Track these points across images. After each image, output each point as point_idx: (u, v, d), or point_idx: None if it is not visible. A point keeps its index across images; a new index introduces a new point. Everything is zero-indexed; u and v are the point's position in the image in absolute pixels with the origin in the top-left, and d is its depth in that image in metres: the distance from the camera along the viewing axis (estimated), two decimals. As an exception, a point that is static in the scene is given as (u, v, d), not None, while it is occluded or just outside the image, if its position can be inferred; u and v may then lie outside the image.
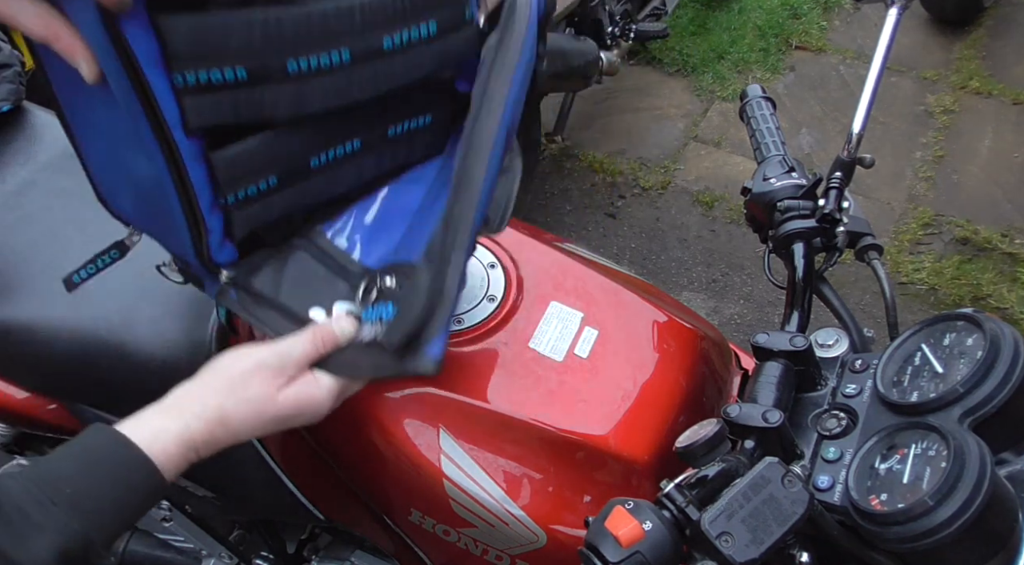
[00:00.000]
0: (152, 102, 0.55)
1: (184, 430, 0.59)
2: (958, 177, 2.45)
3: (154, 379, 0.94)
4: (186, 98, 0.56)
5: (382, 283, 0.68)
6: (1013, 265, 2.17)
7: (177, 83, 0.56)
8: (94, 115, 0.62)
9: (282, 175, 0.65)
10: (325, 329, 0.66)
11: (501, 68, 0.64)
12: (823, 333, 0.76)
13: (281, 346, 0.64)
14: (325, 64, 0.60)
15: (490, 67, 0.65)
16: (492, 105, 0.63)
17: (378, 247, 0.73)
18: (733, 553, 0.53)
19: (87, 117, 0.64)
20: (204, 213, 0.62)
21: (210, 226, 0.64)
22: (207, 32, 0.55)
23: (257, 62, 0.57)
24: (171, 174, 0.59)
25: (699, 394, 0.79)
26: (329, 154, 0.67)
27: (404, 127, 0.72)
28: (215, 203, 0.63)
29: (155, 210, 0.65)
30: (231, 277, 0.68)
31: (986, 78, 2.73)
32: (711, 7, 3.12)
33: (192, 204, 0.62)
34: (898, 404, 0.63)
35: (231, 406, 0.61)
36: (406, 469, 0.76)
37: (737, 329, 2.14)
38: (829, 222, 0.82)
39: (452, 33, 0.67)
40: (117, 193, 0.69)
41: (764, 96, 0.96)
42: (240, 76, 0.57)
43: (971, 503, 0.52)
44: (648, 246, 2.38)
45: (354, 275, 0.71)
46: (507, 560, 0.78)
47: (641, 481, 0.73)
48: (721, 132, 2.68)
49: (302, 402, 0.64)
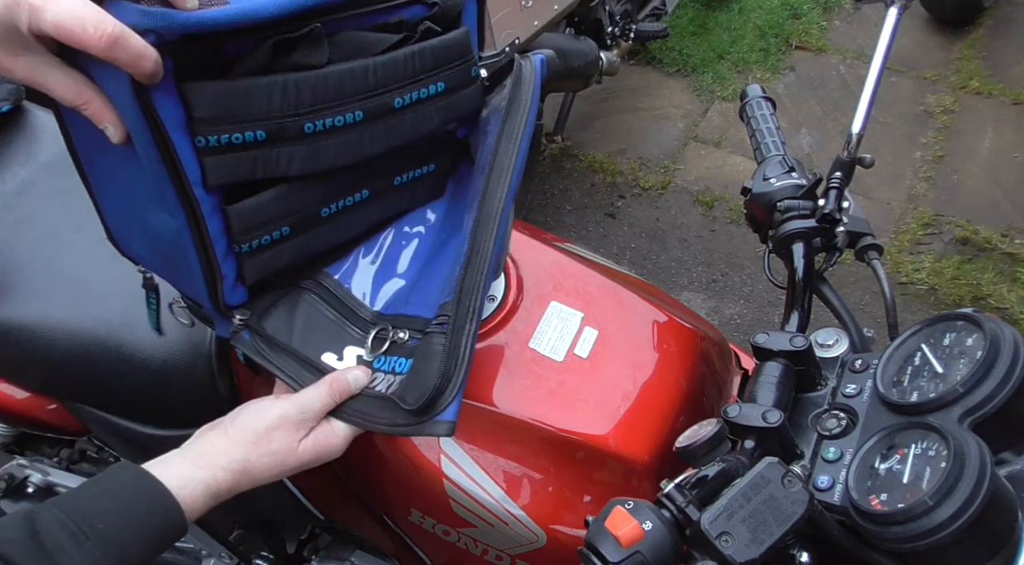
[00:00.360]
0: (176, 163, 0.58)
1: (211, 480, 0.63)
2: (958, 177, 2.45)
3: (154, 379, 0.94)
4: (207, 158, 0.59)
5: (395, 335, 0.71)
6: (1013, 265, 2.17)
7: (199, 144, 0.58)
8: (114, 171, 0.65)
9: (294, 224, 0.68)
10: (340, 380, 0.68)
11: (508, 141, 0.68)
12: (823, 333, 0.76)
13: (301, 399, 0.67)
14: (339, 123, 0.63)
15: (497, 138, 0.68)
16: (501, 175, 0.67)
17: (385, 291, 0.76)
18: (733, 553, 0.53)
19: (106, 172, 0.66)
20: (219, 261, 0.65)
21: (224, 272, 0.66)
22: (229, 98, 0.58)
23: (275, 124, 0.60)
24: (190, 228, 0.62)
25: (699, 394, 0.79)
26: (339, 204, 0.71)
27: (409, 176, 0.76)
28: (229, 251, 0.65)
29: (171, 258, 0.67)
30: (243, 320, 0.70)
31: (986, 78, 2.73)
32: (711, 7, 3.12)
33: (208, 254, 0.64)
34: (898, 404, 0.63)
35: (255, 458, 0.66)
36: (406, 469, 0.76)
37: (737, 329, 2.14)
38: (829, 222, 0.82)
39: (459, 91, 0.71)
40: (132, 240, 0.72)
41: (764, 96, 0.96)
42: (259, 137, 0.60)
43: (971, 503, 0.52)
44: (648, 246, 2.38)
45: (363, 320, 0.74)
46: (507, 560, 0.78)
47: (641, 481, 0.73)
48: (721, 132, 2.68)
49: (320, 451, 0.68)
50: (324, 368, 0.70)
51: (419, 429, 0.64)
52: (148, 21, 0.51)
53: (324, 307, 0.73)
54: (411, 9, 0.66)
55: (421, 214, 0.80)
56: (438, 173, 0.79)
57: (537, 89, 0.71)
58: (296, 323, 0.71)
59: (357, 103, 0.63)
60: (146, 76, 0.52)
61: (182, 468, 0.63)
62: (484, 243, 0.66)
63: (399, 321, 0.72)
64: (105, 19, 0.49)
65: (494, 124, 0.70)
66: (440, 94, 0.69)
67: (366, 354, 0.71)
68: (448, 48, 0.68)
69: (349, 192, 0.71)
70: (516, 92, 0.70)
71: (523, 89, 0.70)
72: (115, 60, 0.50)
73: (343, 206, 0.71)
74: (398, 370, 0.69)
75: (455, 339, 0.64)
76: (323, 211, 0.69)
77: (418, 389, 0.64)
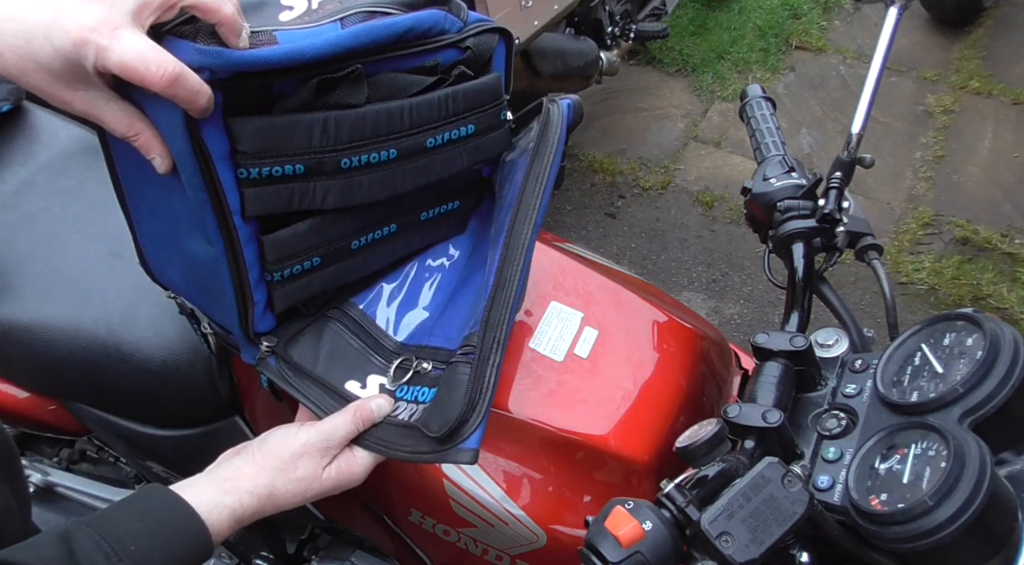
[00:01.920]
0: (219, 192, 0.61)
1: (237, 506, 0.65)
2: (958, 177, 2.45)
3: (154, 379, 0.94)
4: (247, 189, 0.62)
5: (419, 365, 0.73)
6: (1013, 265, 2.17)
7: (241, 176, 0.61)
8: (155, 200, 0.67)
9: (325, 255, 0.70)
10: (364, 408, 0.69)
11: (536, 181, 0.70)
12: (823, 333, 0.76)
13: (326, 427, 0.68)
14: (374, 160, 0.67)
15: (525, 177, 0.70)
16: (528, 213, 0.69)
17: (407, 322, 0.77)
18: (733, 553, 0.53)
19: (147, 200, 0.69)
20: (252, 287, 0.67)
21: (255, 299, 0.68)
22: (273, 133, 0.60)
23: (314, 159, 0.63)
24: (227, 254, 0.64)
25: (699, 394, 0.79)
26: (368, 237, 0.74)
27: (435, 212, 0.79)
28: (261, 279, 0.68)
29: (205, 285, 0.70)
30: (270, 346, 0.72)
31: (986, 78, 2.73)
32: (711, 7, 3.12)
33: (243, 280, 0.66)
34: (898, 404, 0.63)
35: (281, 485, 0.67)
36: (406, 469, 0.77)
37: (737, 329, 2.14)
38: (829, 222, 0.82)
39: (488, 133, 0.74)
40: (166, 266, 0.74)
41: (764, 96, 0.96)
42: (298, 171, 0.63)
43: (971, 503, 0.52)
44: (648, 246, 2.38)
45: (386, 349, 0.75)
46: (507, 560, 0.78)
47: (641, 481, 0.73)
48: (721, 132, 2.68)
49: (342, 479, 0.69)
50: (348, 396, 0.71)
51: (442, 456, 0.65)
52: (204, 59, 0.54)
53: (349, 336, 0.75)
54: (446, 53, 0.69)
55: (444, 249, 0.83)
56: (462, 210, 0.82)
57: (563, 133, 0.73)
58: (321, 351, 0.73)
59: (392, 141, 0.67)
60: (199, 111, 0.55)
61: (210, 493, 0.64)
62: (510, 278, 0.67)
63: (423, 352, 0.74)
64: (166, 59, 0.51)
65: (521, 164, 0.73)
66: (470, 136, 0.73)
67: (388, 383, 0.73)
68: (479, 92, 0.72)
69: (378, 226, 0.74)
70: (544, 134, 0.73)
71: (551, 132, 0.73)
72: (174, 97, 0.53)
73: (372, 239, 0.74)
74: (420, 399, 0.70)
75: (480, 369, 0.66)
76: (353, 243, 0.72)
77: (442, 417, 0.65)
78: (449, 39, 0.68)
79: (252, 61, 0.56)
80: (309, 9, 0.62)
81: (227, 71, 0.55)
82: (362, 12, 0.62)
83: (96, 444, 1.20)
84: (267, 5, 0.62)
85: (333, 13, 0.61)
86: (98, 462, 1.26)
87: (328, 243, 0.70)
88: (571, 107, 0.76)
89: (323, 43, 0.58)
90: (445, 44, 0.68)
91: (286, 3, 0.62)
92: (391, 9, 0.64)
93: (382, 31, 0.62)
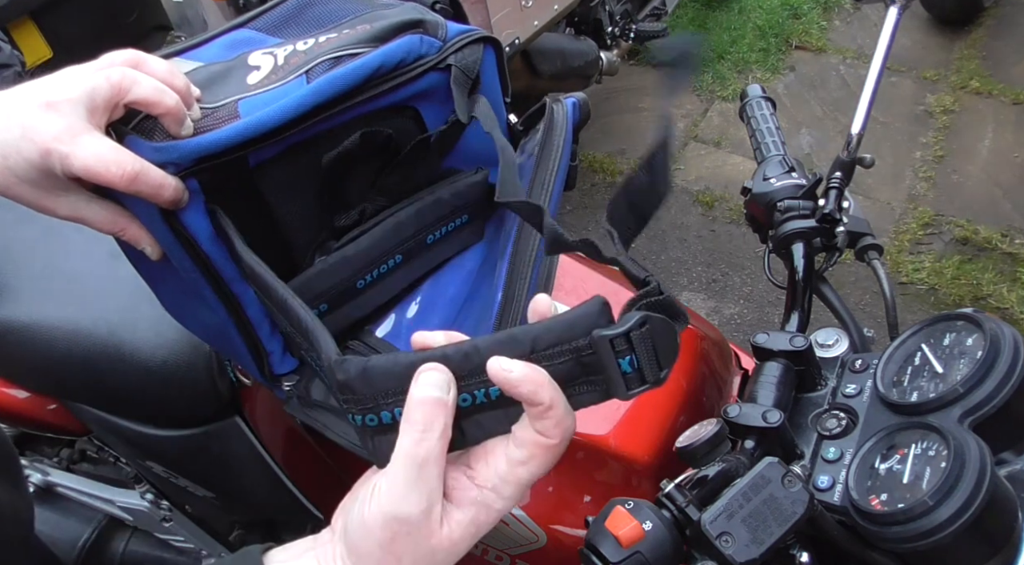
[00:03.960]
0: (211, 269, 0.61)
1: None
2: (958, 177, 2.45)
3: (154, 379, 0.94)
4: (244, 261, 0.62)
5: None
6: (1013, 265, 2.17)
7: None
8: (160, 273, 0.68)
9: (331, 300, 0.69)
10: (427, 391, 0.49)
11: (541, 187, 0.68)
12: (823, 333, 0.76)
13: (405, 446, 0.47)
14: (384, 271, 0.69)
15: (530, 184, 0.68)
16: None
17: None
18: (733, 553, 0.53)
19: (153, 273, 0.70)
20: (263, 341, 0.67)
21: (270, 349, 0.68)
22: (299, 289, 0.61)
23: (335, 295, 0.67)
24: (232, 319, 0.65)
25: (699, 394, 0.79)
26: (374, 273, 0.72)
27: (442, 231, 0.77)
28: (273, 331, 0.68)
29: (221, 340, 0.70)
30: (291, 386, 0.71)
31: (986, 78, 2.73)
32: (711, 7, 3.12)
33: (252, 337, 0.67)
34: (898, 404, 0.63)
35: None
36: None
37: (737, 329, 2.14)
38: (829, 222, 0.82)
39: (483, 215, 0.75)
40: (185, 318, 0.75)
41: (764, 96, 0.96)
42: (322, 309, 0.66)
43: (971, 503, 0.52)
44: (648, 246, 2.38)
45: None
46: (507, 560, 0.78)
47: (641, 481, 0.73)
48: (721, 132, 2.68)
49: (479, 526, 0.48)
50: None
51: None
52: (161, 156, 0.54)
53: None
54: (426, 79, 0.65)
55: (459, 260, 0.81)
56: (473, 221, 0.80)
57: (569, 133, 0.71)
58: None
59: (398, 250, 0.69)
60: (169, 203, 0.56)
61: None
62: (518, 291, 0.66)
63: None
64: (125, 159, 0.53)
65: (527, 169, 0.71)
66: (466, 224, 0.74)
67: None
68: (469, 188, 0.72)
69: (383, 260, 0.73)
70: (548, 137, 0.70)
71: (555, 134, 0.71)
72: (138, 193, 0.54)
73: (377, 274, 0.73)
74: None
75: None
76: (359, 283, 0.71)
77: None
78: (427, 63, 0.64)
79: (210, 145, 0.56)
80: (276, 66, 0.61)
81: (189, 160, 0.55)
82: (328, 60, 0.60)
83: (96, 444, 1.20)
84: (235, 70, 0.62)
85: (299, 66, 0.60)
86: (98, 462, 1.26)
87: (332, 288, 0.69)
88: (576, 106, 0.74)
89: (283, 109, 0.57)
90: (424, 70, 0.64)
91: (254, 63, 0.62)
92: (358, 49, 0.61)
93: (348, 77, 0.60)
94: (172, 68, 0.57)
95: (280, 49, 0.63)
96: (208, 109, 0.58)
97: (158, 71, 0.55)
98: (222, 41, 0.66)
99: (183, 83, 0.56)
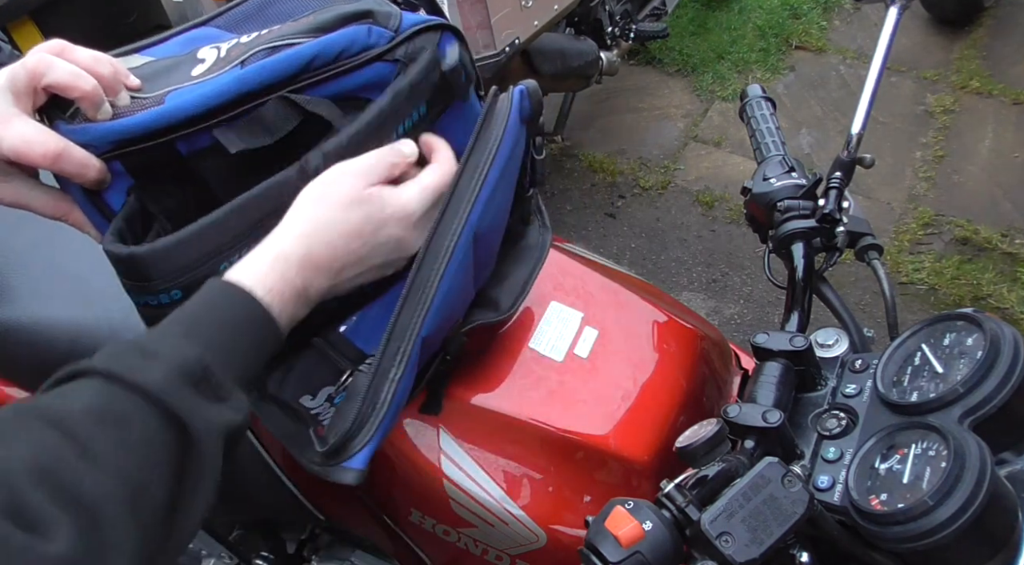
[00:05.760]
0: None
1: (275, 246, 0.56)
2: (958, 177, 2.45)
3: (154, 379, 0.94)
4: None
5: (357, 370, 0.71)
6: (1013, 265, 2.16)
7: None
8: None
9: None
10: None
11: (470, 175, 0.63)
12: (823, 333, 0.76)
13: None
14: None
15: (460, 171, 0.64)
16: (458, 206, 0.62)
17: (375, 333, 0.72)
18: (733, 553, 0.53)
19: None
20: None
21: None
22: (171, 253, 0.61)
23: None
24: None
25: (699, 394, 0.79)
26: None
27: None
28: None
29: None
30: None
31: (986, 78, 2.73)
32: (711, 7, 3.12)
33: None
34: (898, 404, 0.63)
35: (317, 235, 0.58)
36: (406, 469, 0.77)
37: (737, 329, 2.14)
38: (829, 222, 0.82)
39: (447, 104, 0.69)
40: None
41: (764, 96, 0.96)
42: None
43: (971, 503, 0.52)
44: (648, 246, 2.38)
45: (351, 361, 0.73)
46: (507, 560, 0.78)
47: (641, 481, 0.73)
48: (721, 132, 2.68)
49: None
50: (300, 409, 0.69)
51: (324, 472, 0.61)
52: (77, 137, 0.56)
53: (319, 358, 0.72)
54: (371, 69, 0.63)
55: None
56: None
57: (514, 121, 0.66)
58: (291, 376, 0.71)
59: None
60: (93, 183, 0.58)
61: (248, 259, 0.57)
62: (428, 281, 0.61)
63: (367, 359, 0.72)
64: (48, 139, 0.56)
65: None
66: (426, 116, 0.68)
67: (334, 391, 0.70)
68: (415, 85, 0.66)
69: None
70: (487, 124, 0.65)
71: (494, 122, 0.65)
72: (62, 172, 0.57)
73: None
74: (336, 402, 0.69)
75: (376, 383, 0.60)
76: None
77: (335, 429, 0.61)
78: (372, 54, 0.62)
79: (125, 129, 0.57)
80: (218, 58, 0.61)
81: (104, 143, 0.57)
82: (264, 49, 0.60)
83: (96, 444, 1.19)
84: (183, 64, 0.62)
85: (238, 57, 0.60)
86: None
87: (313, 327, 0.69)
88: (523, 94, 0.67)
89: (202, 95, 0.57)
90: (367, 60, 0.62)
91: (201, 57, 0.62)
92: (297, 39, 0.60)
93: (278, 65, 0.59)
94: (98, 56, 0.59)
95: (227, 43, 0.63)
96: (139, 97, 0.59)
97: (80, 59, 0.58)
98: (181, 38, 0.66)
99: (109, 71, 0.58)
